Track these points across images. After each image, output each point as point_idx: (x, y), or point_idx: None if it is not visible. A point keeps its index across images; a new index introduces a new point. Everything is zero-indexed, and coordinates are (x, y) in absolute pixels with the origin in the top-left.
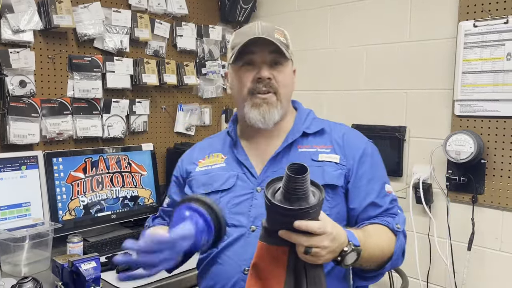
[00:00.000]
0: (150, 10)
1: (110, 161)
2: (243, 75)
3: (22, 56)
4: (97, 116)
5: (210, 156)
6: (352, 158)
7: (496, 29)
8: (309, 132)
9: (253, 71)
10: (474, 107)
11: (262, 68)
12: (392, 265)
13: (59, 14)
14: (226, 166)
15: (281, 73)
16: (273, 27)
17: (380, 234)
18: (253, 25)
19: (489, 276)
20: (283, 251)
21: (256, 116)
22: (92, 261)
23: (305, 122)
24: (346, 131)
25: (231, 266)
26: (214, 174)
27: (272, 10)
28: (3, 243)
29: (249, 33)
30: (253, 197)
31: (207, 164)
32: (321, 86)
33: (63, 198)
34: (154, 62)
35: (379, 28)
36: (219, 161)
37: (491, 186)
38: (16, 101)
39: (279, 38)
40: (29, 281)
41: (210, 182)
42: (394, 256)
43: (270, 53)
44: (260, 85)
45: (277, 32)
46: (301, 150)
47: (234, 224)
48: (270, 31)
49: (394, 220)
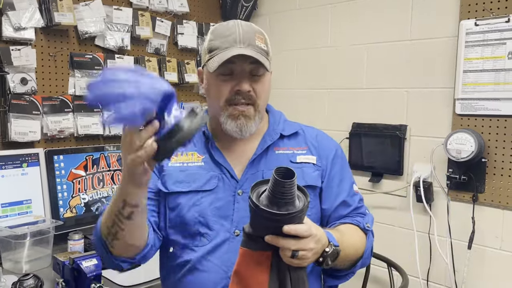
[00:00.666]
0: (151, 8)
1: (111, 158)
2: (220, 84)
3: (24, 54)
4: (98, 114)
5: (184, 154)
6: (326, 158)
7: (497, 28)
8: (285, 134)
9: (232, 81)
10: (475, 106)
11: (242, 81)
12: (362, 264)
13: (60, 11)
14: (204, 165)
15: (259, 84)
16: (254, 32)
17: (352, 234)
18: (232, 27)
19: (490, 275)
20: (267, 256)
21: (232, 128)
22: (93, 258)
23: (280, 124)
24: (318, 133)
25: (216, 273)
26: (194, 172)
27: (273, 8)
28: (4, 240)
29: (229, 39)
30: (235, 201)
31: (181, 161)
32: (322, 84)
33: (64, 195)
34: (155, 60)
35: (380, 26)
36: (196, 159)
37: (492, 185)
38: (17, 99)
39: (259, 45)
40: (30, 278)
41: (188, 180)
42: (364, 255)
43: (250, 63)
44: (239, 97)
45: (258, 38)
46: (278, 152)
47: (217, 229)
48: (251, 38)
49: (363, 219)
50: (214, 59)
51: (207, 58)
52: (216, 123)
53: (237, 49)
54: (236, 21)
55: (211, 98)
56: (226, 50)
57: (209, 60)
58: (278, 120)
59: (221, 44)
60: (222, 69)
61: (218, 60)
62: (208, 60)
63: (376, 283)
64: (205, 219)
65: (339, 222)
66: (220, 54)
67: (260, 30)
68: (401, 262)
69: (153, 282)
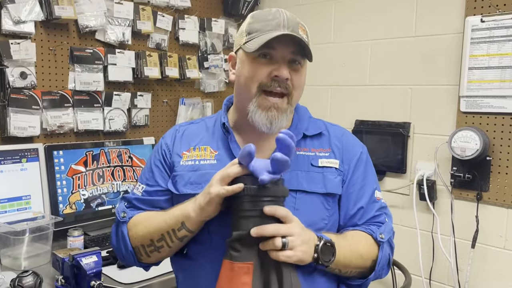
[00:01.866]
0: (152, 2)
1: (111, 154)
2: (257, 67)
3: (23, 48)
4: (99, 109)
5: (197, 148)
6: (348, 163)
7: (504, 25)
8: (308, 135)
9: (270, 66)
10: (480, 104)
11: (282, 66)
12: (376, 276)
13: (60, 5)
14: (217, 164)
15: (298, 74)
16: (297, 21)
17: (359, 239)
18: (276, 12)
19: (493, 274)
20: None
21: (262, 120)
22: (93, 255)
23: (304, 123)
24: (344, 133)
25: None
26: (205, 173)
27: (275, 4)
28: (3, 236)
29: (272, 23)
30: None
31: (193, 158)
32: (325, 81)
33: (63, 191)
34: (156, 55)
35: (384, 22)
36: (208, 156)
37: (496, 183)
38: (17, 93)
39: (302, 35)
40: (29, 275)
41: (199, 182)
42: (377, 267)
43: (291, 53)
44: (275, 84)
45: (301, 28)
46: (299, 153)
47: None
48: (294, 26)
49: (379, 229)
50: (255, 40)
51: (244, 40)
52: (241, 114)
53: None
54: (279, 8)
55: (242, 84)
56: (268, 32)
57: (247, 42)
58: (303, 117)
59: (263, 27)
60: (262, 51)
61: (259, 42)
62: (246, 43)
63: (378, 282)
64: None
65: (351, 229)
66: (262, 36)
67: (302, 22)
68: (403, 261)
69: (152, 280)
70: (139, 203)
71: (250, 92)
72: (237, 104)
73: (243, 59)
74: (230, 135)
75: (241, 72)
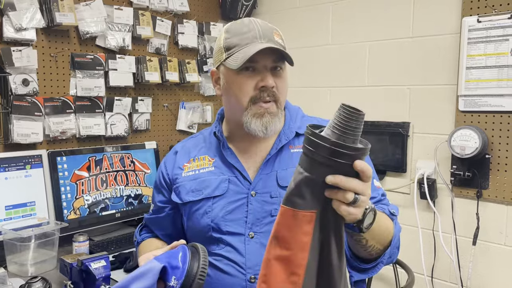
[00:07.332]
0: (151, 7)
1: (114, 159)
2: (243, 81)
3: (25, 55)
4: (100, 115)
5: (196, 159)
6: None
7: (500, 24)
8: (300, 133)
9: (255, 77)
10: (478, 102)
11: (267, 76)
12: (390, 254)
13: (61, 11)
14: (215, 170)
15: (281, 80)
16: (271, 29)
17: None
18: (249, 24)
19: (494, 270)
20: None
21: (258, 127)
22: (101, 259)
23: (296, 121)
24: None
25: (236, 277)
26: (204, 179)
27: (273, 7)
28: (9, 243)
29: (249, 36)
30: (248, 202)
31: (193, 168)
32: (323, 82)
33: (67, 197)
34: (156, 60)
35: (382, 24)
36: (206, 164)
37: (496, 180)
38: (19, 100)
39: (278, 41)
40: (38, 280)
41: (199, 188)
42: (392, 243)
43: (273, 60)
44: (264, 94)
45: (275, 34)
46: (293, 151)
47: (230, 232)
48: (270, 35)
49: (388, 207)
50: (237, 56)
51: (224, 56)
52: (233, 124)
53: (261, 44)
54: (251, 18)
55: (232, 98)
56: (247, 46)
57: (227, 58)
58: (295, 116)
59: (240, 41)
60: (245, 65)
61: (243, 57)
62: (226, 59)
63: (381, 280)
64: (217, 224)
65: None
66: (242, 50)
67: (275, 27)
68: (406, 259)
69: None
70: (150, 223)
71: (242, 105)
72: (229, 116)
73: (227, 75)
74: (222, 142)
75: (229, 87)
